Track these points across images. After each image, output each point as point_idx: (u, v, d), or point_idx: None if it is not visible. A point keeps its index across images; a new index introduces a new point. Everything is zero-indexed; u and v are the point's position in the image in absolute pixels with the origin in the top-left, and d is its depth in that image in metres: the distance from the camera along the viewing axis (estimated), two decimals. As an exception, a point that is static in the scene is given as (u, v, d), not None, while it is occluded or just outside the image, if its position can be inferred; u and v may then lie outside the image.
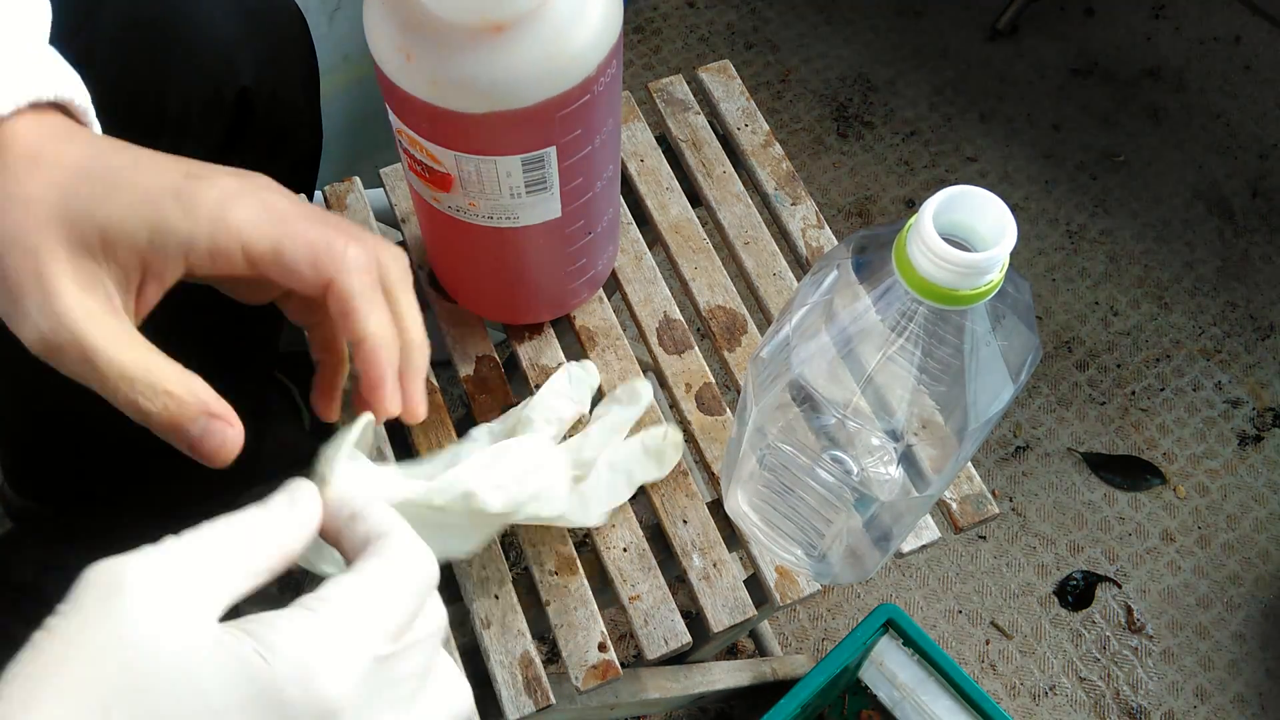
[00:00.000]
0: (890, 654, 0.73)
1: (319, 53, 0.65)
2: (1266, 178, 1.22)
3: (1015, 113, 1.26)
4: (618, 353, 0.58)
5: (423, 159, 0.45)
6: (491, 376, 0.58)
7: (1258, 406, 1.08)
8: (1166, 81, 1.29)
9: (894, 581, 0.98)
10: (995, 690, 0.93)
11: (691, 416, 0.57)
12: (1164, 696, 0.94)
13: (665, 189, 0.64)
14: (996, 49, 1.31)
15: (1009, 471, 1.04)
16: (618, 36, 0.43)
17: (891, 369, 0.36)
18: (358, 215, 0.62)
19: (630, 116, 0.66)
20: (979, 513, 0.55)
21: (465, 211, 0.48)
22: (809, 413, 0.40)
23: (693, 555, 0.53)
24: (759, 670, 0.81)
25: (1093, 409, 1.07)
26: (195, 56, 0.54)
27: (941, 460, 0.40)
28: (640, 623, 0.51)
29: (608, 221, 0.54)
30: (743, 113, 0.66)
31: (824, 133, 1.24)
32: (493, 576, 0.52)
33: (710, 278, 0.61)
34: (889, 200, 1.19)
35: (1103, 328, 1.12)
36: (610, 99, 0.46)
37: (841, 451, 0.41)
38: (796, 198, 0.64)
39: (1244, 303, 1.14)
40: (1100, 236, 1.18)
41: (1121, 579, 0.99)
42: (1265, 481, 1.04)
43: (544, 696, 0.49)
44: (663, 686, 0.68)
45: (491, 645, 0.51)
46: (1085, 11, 1.35)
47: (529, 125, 0.43)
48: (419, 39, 0.40)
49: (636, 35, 1.31)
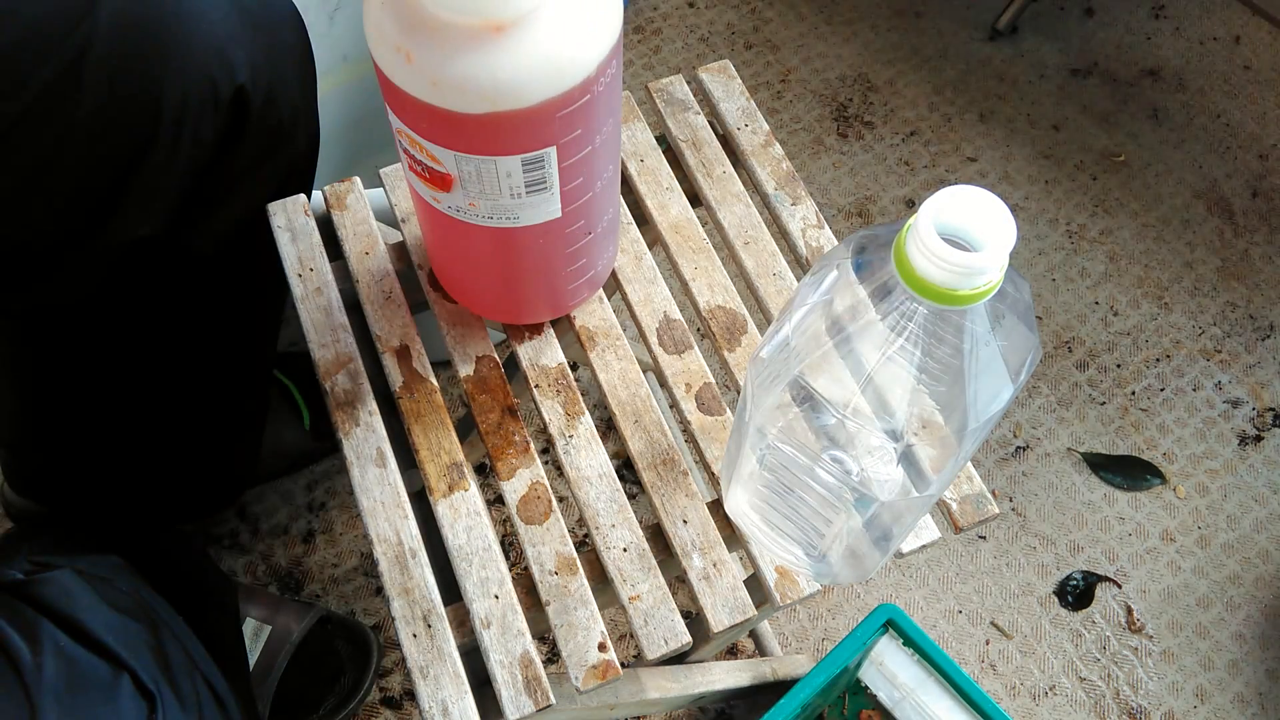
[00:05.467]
0: (890, 654, 0.73)
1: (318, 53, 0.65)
2: (1266, 178, 1.22)
3: (1015, 113, 1.26)
4: (618, 353, 0.58)
5: (423, 159, 0.45)
6: (491, 376, 0.58)
7: (1258, 406, 1.08)
8: (1166, 81, 1.29)
9: (894, 581, 0.98)
10: (995, 690, 0.93)
11: (691, 416, 0.57)
12: (1164, 696, 0.94)
13: (665, 189, 0.64)
14: (996, 49, 1.31)
15: (1009, 471, 1.04)
16: (618, 36, 0.43)
17: (891, 369, 0.36)
18: (358, 215, 0.62)
19: (630, 116, 0.66)
20: (979, 513, 0.55)
21: (465, 211, 0.48)
22: (809, 413, 0.40)
23: (693, 555, 0.53)
24: (759, 670, 0.81)
25: (1093, 409, 1.07)
26: (192, 54, 0.54)
27: (941, 460, 0.40)
28: (640, 623, 0.51)
29: (608, 222, 0.54)
30: (743, 113, 0.66)
31: (824, 133, 1.24)
32: (493, 576, 0.52)
33: (710, 278, 0.61)
34: (889, 200, 1.19)
35: (1103, 328, 1.12)
36: (610, 99, 0.46)
37: (841, 451, 0.41)
38: (796, 198, 0.64)
39: (1244, 303, 1.14)
40: (1100, 236, 1.18)
41: (1121, 579, 0.99)
42: (1265, 481, 1.04)
43: (544, 696, 0.49)
44: (663, 686, 0.68)
45: (491, 645, 0.51)
46: (1085, 11, 1.35)
47: (529, 125, 0.43)
48: (419, 39, 0.40)
49: (636, 35, 1.31)
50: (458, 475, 0.55)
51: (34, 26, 0.50)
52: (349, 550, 0.96)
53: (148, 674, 0.58)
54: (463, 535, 0.53)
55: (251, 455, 0.90)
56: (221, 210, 0.63)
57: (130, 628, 0.60)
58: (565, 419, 0.56)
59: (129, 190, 0.57)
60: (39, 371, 0.70)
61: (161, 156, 0.56)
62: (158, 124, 0.54)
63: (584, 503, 0.54)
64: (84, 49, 0.51)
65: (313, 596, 0.94)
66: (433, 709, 0.49)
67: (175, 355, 0.72)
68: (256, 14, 0.57)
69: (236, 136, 0.59)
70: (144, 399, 0.74)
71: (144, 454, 0.79)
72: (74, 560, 0.63)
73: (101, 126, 0.54)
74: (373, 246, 0.61)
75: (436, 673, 0.50)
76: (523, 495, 0.54)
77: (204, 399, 0.77)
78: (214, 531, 0.96)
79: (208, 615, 0.72)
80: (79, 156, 0.55)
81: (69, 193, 0.56)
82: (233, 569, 0.95)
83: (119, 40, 0.52)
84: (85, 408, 0.74)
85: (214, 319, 0.72)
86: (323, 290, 0.60)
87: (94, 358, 0.70)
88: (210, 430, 0.81)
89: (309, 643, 0.84)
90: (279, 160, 0.63)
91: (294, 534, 0.97)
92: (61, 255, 0.60)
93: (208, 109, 0.56)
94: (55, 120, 0.53)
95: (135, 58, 0.52)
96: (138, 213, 0.59)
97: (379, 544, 0.53)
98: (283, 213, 0.62)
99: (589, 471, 0.55)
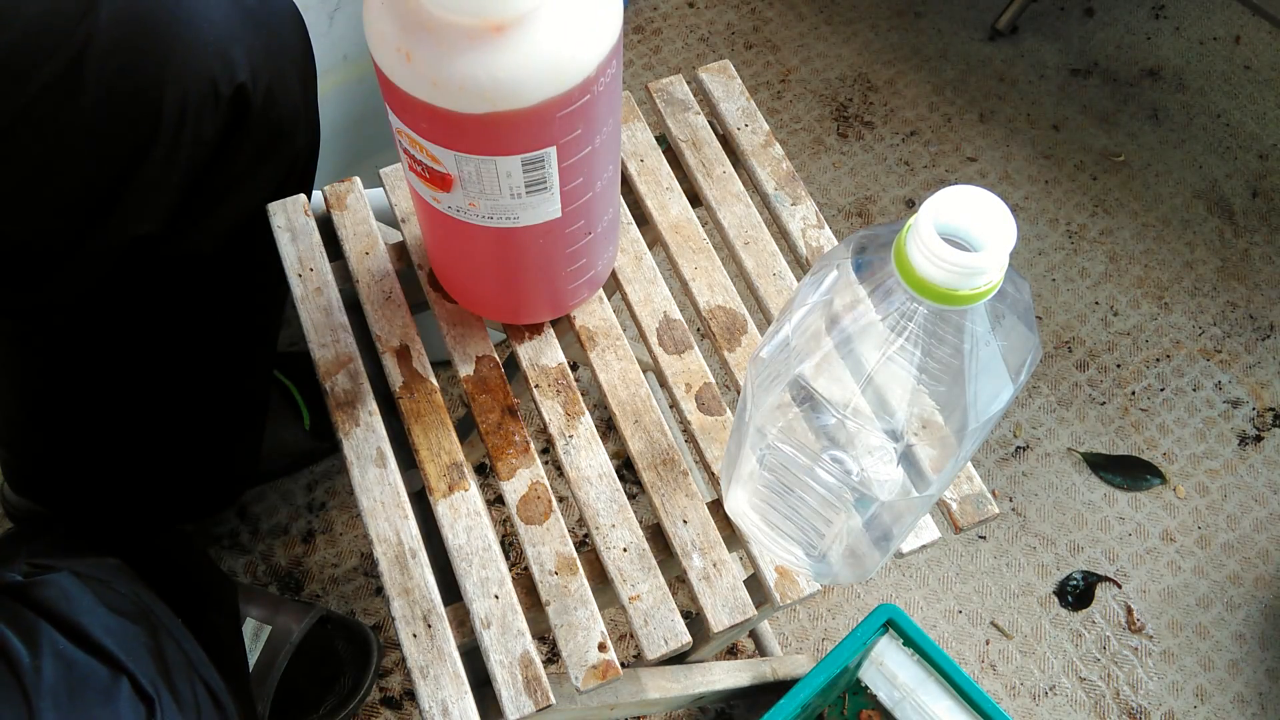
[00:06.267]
0: (890, 654, 0.73)
1: (319, 52, 0.65)
2: (1266, 178, 1.22)
3: (1015, 113, 1.26)
4: (618, 353, 0.58)
5: (423, 159, 0.45)
6: (491, 376, 0.58)
7: (1258, 406, 1.08)
8: (1166, 81, 1.29)
9: (894, 581, 0.98)
10: (995, 690, 0.93)
11: (691, 416, 0.57)
12: (1164, 696, 0.94)
13: (665, 189, 0.64)
14: (996, 49, 1.31)
15: (1009, 471, 1.04)
16: (618, 36, 0.43)
17: (891, 369, 0.36)
18: (358, 215, 0.62)
19: (630, 116, 0.66)
20: (979, 513, 0.55)
21: (465, 211, 0.48)
22: (809, 413, 0.40)
23: (693, 555, 0.53)
24: (759, 670, 0.81)
25: (1093, 409, 1.07)
26: (192, 53, 0.54)
27: (941, 460, 0.40)
28: (640, 623, 0.51)
29: (608, 222, 0.54)
30: (743, 113, 0.66)
31: (824, 133, 1.24)
32: (493, 576, 0.52)
33: (710, 278, 0.61)
34: (889, 200, 1.19)
35: (1103, 328, 1.12)
36: (610, 99, 0.46)
37: (841, 451, 0.41)
38: (796, 198, 0.64)
39: (1244, 303, 1.14)
40: (1100, 236, 1.18)
41: (1121, 579, 0.99)
42: (1265, 481, 1.04)
43: (544, 696, 0.49)
44: (663, 686, 0.68)
45: (491, 645, 0.51)
46: (1085, 11, 1.35)
47: (529, 125, 0.43)
48: (419, 39, 0.40)
49: (636, 35, 1.31)
50: (458, 475, 0.55)
51: (35, 25, 0.50)
52: (349, 550, 0.96)
53: (146, 677, 0.58)
54: (463, 535, 0.53)
55: (251, 455, 0.90)
56: (222, 209, 0.63)
57: (129, 630, 0.60)
58: (565, 419, 0.56)
59: (129, 189, 0.57)
60: (39, 371, 0.70)
61: (162, 155, 0.56)
62: (158, 122, 0.54)
63: (584, 503, 0.54)
64: (85, 47, 0.51)
65: (313, 596, 0.94)
66: (433, 709, 0.49)
67: (175, 354, 0.72)
68: (257, 13, 0.57)
69: (237, 135, 0.58)
70: (144, 398, 0.74)
71: (144, 454, 0.79)
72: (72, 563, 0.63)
73: (102, 125, 0.54)
74: (373, 246, 0.61)
75: (436, 673, 0.50)
76: (523, 495, 0.54)
77: (204, 399, 0.77)
78: (214, 531, 0.96)
79: (207, 615, 0.72)
80: (79, 155, 0.55)
81: (69, 191, 0.56)
82: (233, 569, 0.95)
83: (120, 39, 0.52)
84: (85, 407, 0.74)
85: (214, 318, 0.72)
86: (323, 290, 0.60)
87: (94, 357, 0.70)
88: (210, 430, 0.81)
89: (309, 643, 0.84)
90: (279, 159, 0.63)
91: (294, 534, 0.97)
92: (61, 254, 0.60)
93: (208, 108, 0.56)
94: (56, 118, 0.53)
95: (136, 56, 0.52)
96: (138, 211, 0.59)
97: (379, 544, 0.53)
98: (283, 212, 0.62)
99: (589, 471, 0.55)
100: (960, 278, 0.32)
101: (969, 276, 0.32)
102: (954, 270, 0.32)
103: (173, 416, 0.77)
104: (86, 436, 0.76)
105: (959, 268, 0.32)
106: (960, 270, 0.32)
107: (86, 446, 0.77)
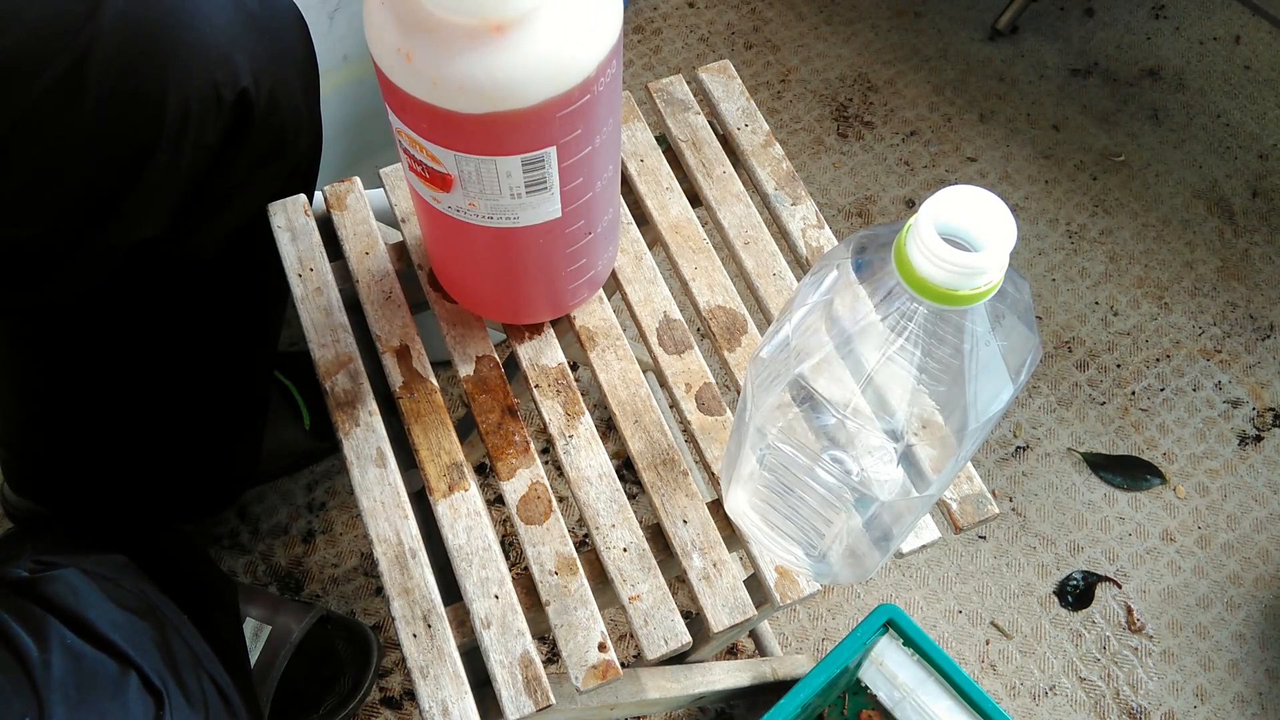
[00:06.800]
0: (890, 654, 0.73)
1: (319, 53, 0.65)
2: (1266, 178, 1.22)
3: (1015, 113, 1.26)
4: (618, 353, 0.58)
5: (423, 159, 0.45)
6: (491, 376, 0.58)
7: (1258, 406, 1.08)
8: (1166, 81, 1.29)
9: (894, 581, 0.98)
10: (995, 690, 0.93)
11: (691, 416, 0.57)
12: (1164, 696, 0.94)
13: (665, 189, 0.64)
14: (996, 49, 1.31)
15: (1009, 471, 1.04)
16: (618, 36, 0.43)
17: (891, 369, 0.36)
18: (358, 215, 0.62)
19: (630, 116, 0.66)
20: (979, 513, 0.55)
21: (465, 211, 0.48)
22: (809, 413, 0.40)
23: (693, 555, 0.53)
24: (759, 670, 0.81)
25: (1093, 409, 1.07)
26: (195, 57, 0.54)
27: (941, 460, 0.40)
28: (640, 623, 0.51)
29: (608, 222, 0.54)
30: (743, 113, 0.66)
31: (824, 133, 1.24)
32: (493, 576, 0.52)
33: (710, 278, 0.61)
34: (889, 200, 1.19)
35: (1103, 328, 1.12)
36: (610, 99, 0.46)
37: (841, 451, 0.41)
38: (796, 198, 0.64)
39: (1244, 303, 1.14)
40: (1100, 236, 1.18)
41: (1121, 579, 0.99)
42: (1265, 481, 1.04)
43: (544, 696, 0.49)
44: (663, 686, 0.68)
45: (491, 645, 0.51)
46: (1085, 11, 1.35)
47: (529, 125, 0.43)
48: (419, 39, 0.40)
49: (636, 35, 1.31)
50: (458, 475, 0.55)
51: (37, 29, 0.50)
52: (349, 550, 0.96)
53: (155, 671, 0.58)
54: (463, 535, 0.53)
55: (251, 455, 0.90)
56: (224, 213, 0.63)
57: (136, 625, 0.60)
58: (565, 419, 0.56)
59: (132, 192, 0.57)
60: (40, 371, 0.70)
61: (164, 159, 0.56)
62: (161, 127, 0.54)
63: (584, 503, 0.54)
64: (87, 52, 0.51)
65: (313, 596, 0.94)
66: (433, 709, 0.49)
67: (176, 355, 0.72)
68: (260, 17, 0.57)
69: (239, 140, 0.58)
70: (144, 399, 0.74)
71: (144, 454, 0.79)
72: (79, 559, 0.63)
73: (105, 129, 0.54)
74: (373, 246, 0.61)
75: (436, 673, 0.50)
76: (523, 495, 0.54)
77: (205, 399, 0.77)
78: (214, 531, 0.96)
79: (208, 615, 0.72)
80: (82, 158, 0.55)
81: (72, 194, 0.56)
82: (233, 569, 0.95)
83: (122, 43, 0.52)
84: (86, 408, 0.74)
85: (215, 320, 0.72)
86: (323, 290, 0.60)
87: (95, 358, 0.70)
88: (210, 430, 0.81)
89: (309, 643, 0.84)
90: (282, 163, 0.63)
91: (294, 534, 0.97)
92: (63, 256, 0.60)
93: (211, 112, 0.56)
94: (58, 122, 0.53)
95: (139, 60, 0.52)
96: (140, 215, 0.59)
97: (379, 544, 0.53)
98: (283, 213, 0.62)
99: (589, 471, 0.55)
100: (960, 278, 0.32)
101: (969, 276, 0.32)
102: (954, 270, 0.32)
103: (173, 417, 0.77)
104: (87, 437, 0.76)
105: (959, 268, 0.32)
106: (960, 270, 0.32)
107: (87, 447, 0.77)
